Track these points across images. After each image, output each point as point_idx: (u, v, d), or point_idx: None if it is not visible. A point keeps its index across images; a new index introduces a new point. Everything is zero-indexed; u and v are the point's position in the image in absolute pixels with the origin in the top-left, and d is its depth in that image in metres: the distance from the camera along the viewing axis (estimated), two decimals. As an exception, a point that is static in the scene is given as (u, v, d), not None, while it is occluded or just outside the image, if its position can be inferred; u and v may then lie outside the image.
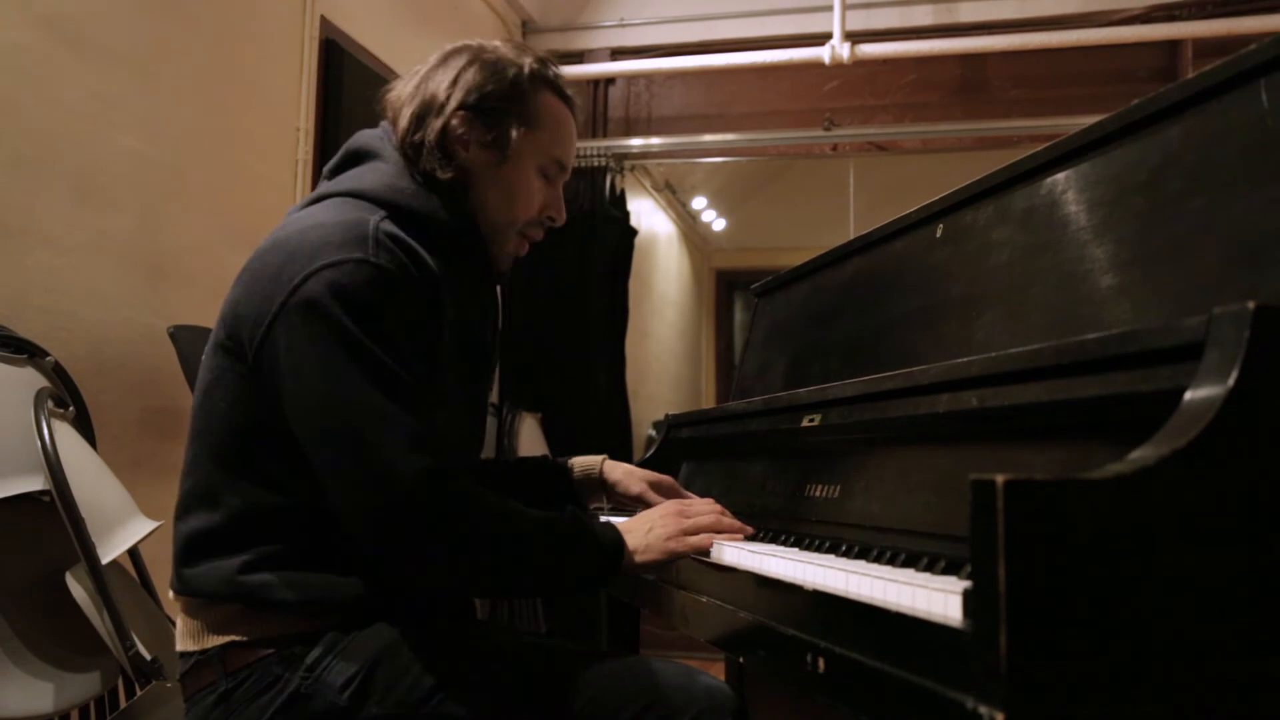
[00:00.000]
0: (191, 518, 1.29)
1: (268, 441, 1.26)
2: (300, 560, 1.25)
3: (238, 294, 1.31)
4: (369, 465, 1.16)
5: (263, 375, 1.24)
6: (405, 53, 3.83)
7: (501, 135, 1.39)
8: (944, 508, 1.14)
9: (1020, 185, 1.36)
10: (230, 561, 1.25)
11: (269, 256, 1.29)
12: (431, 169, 1.37)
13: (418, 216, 1.34)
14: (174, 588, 1.32)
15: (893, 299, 1.63)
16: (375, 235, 1.26)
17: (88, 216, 2.45)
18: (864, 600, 0.93)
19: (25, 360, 2.20)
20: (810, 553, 1.22)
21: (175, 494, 2.61)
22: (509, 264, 1.48)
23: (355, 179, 1.38)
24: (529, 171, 1.43)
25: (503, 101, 1.39)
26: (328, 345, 1.18)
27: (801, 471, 1.52)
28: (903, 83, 4.53)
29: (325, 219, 1.29)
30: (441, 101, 1.38)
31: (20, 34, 2.27)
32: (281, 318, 1.21)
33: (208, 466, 1.29)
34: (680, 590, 1.40)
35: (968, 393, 1.10)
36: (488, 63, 1.40)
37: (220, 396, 1.29)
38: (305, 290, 1.20)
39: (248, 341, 1.26)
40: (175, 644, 1.33)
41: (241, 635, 1.25)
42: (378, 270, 1.22)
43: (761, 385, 2.04)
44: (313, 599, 1.24)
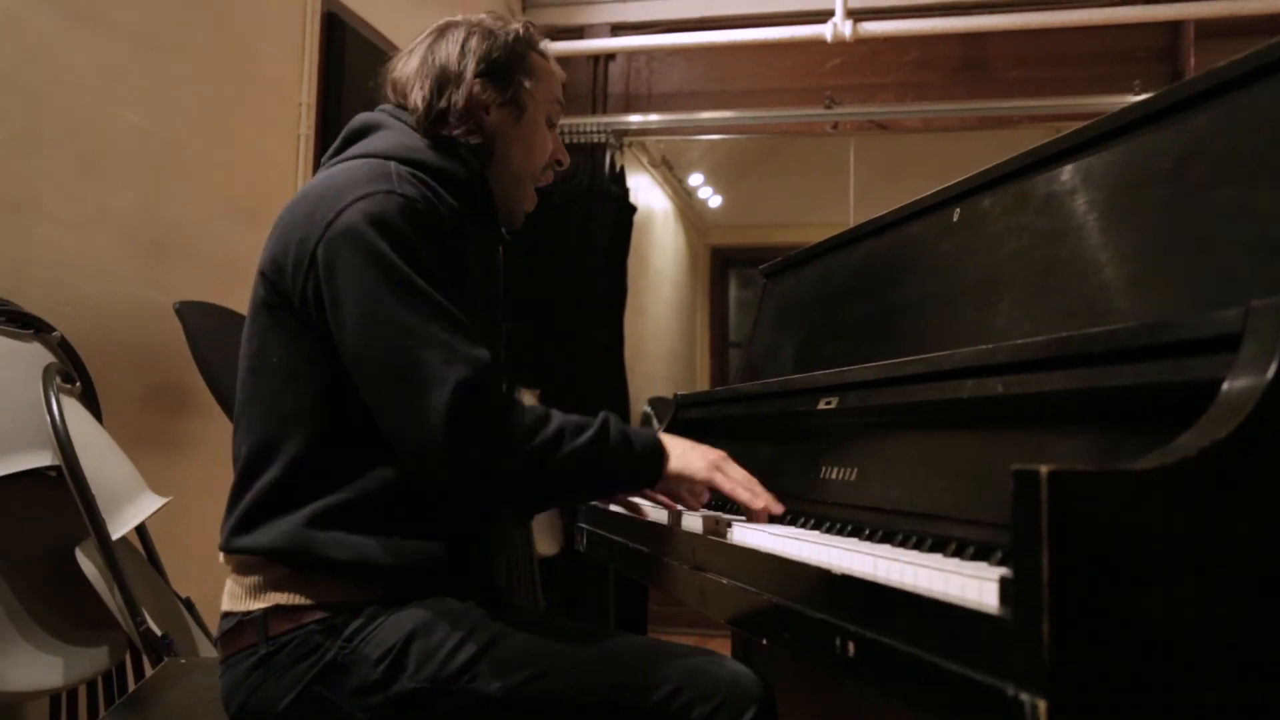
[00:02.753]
0: (254, 480, 1.31)
1: (321, 386, 1.29)
2: (361, 517, 1.28)
3: (272, 249, 1.34)
4: (410, 379, 1.21)
5: (309, 313, 1.28)
6: (405, 25, 3.80)
7: (516, 93, 1.47)
8: (966, 492, 1.15)
9: (1040, 171, 1.37)
10: (294, 515, 1.28)
11: (297, 207, 1.34)
12: (459, 134, 1.42)
13: (430, 168, 1.38)
14: (225, 546, 1.34)
15: (907, 282, 1.63)
16: (398, 173, 1.32)
17: (91, 191, 2.44)
18: (893, 585, 0.94)
19: (31, 335, 2.19)
20: (832, 535, 1.23)
21: (180, 469, 2.62)
22: (522, 218, 1.55)
23: (365, 146, 1.42)
24: (540, 121, 1.51)
25: (510, 62, 1.46)
26: (364, 266, 1.24)
27: (816, 454, 1.53)
28: (904, 61, 4.52)
29: (346, 170, 1.35)
30: (457, 71, 1.44)
31: (25, 8, 2.25)
32: (320, 249, 1.26)
33: (265, 424, 1.32)
34: (699, 571, 1.41)
35: (993, 379, 1.10)
36: (485, 31, 1.47)
37: (271, 353, 1.33)
38: (341, 220, 1.26)
39: (292, 287, 1.29)
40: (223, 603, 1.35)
41: (288, 597, 1.28)
42: (405, 199, 1.28)
43: (771, 366, 2.04)
44: (365, 560, 1.27)
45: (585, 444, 1.28)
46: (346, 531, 1.27)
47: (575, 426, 1.29)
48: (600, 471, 1.32)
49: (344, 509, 1.28)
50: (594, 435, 1.29)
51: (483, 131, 1.44)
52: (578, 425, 1.29)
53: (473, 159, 1.43)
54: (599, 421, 1.32)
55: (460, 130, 1.42)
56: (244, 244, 3.00)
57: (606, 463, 1.31)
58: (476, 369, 1.22)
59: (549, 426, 1.27)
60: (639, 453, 1.35)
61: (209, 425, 2.79)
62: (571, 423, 1.29)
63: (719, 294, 7.60)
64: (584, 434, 1.29)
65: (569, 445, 1.27)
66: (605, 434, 1.31)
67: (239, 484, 1.34)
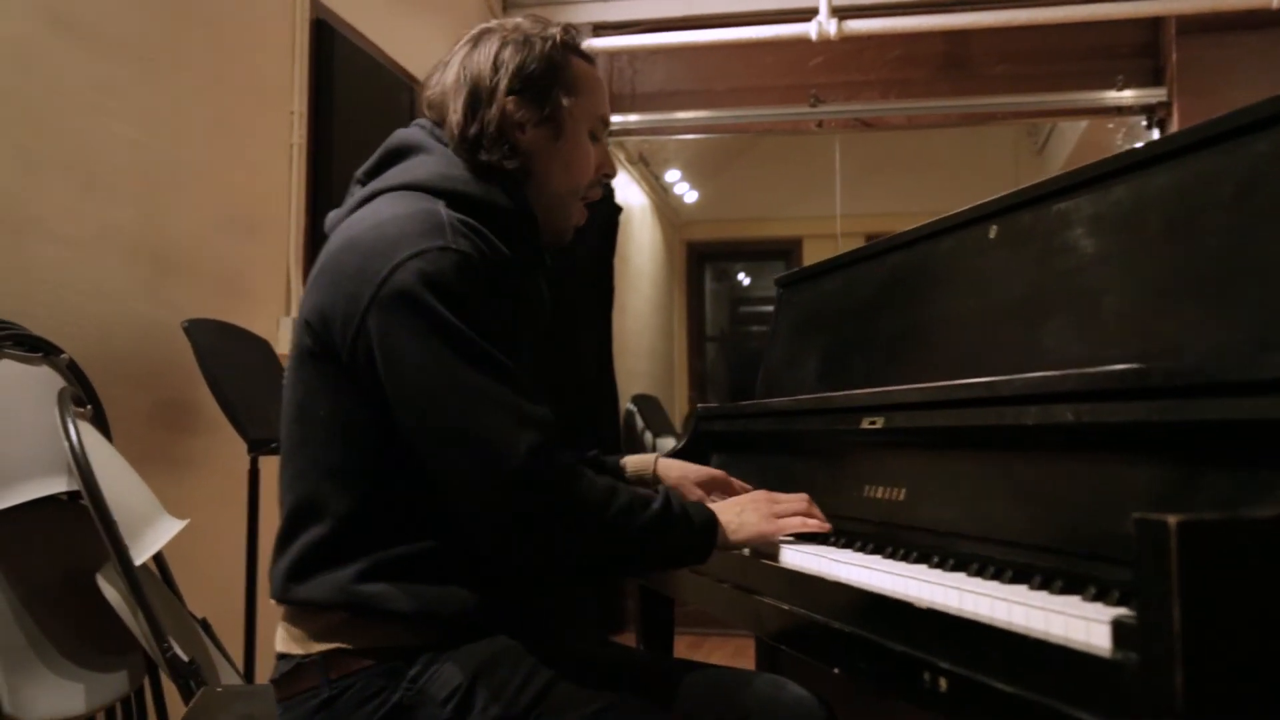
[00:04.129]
0: (302, 533, 1.29)
1: (371, 443, 1.26)
2: (413, 568, 1.26)
3: (319, 299, 1.28)
4: (475, 443, 1.18)
5: (359, 373, 1.24)
6: (393, 30, 3.77)
7: (554, 110, 1.39)
8: (1032, 517, 1.16)
9: (1086, 190, 1.38)
10: (344, 572, 1.25)
11: (345, 256, 1.28)
12: (495, 160, 1.36)
13: (474, 202, 1.34)
14: (278, 596, 1.32)
15: (942, 298, 1.64)
16: (450, 222, 1.26)
17: (91, 209, 2.40)
18: (984, 621, 0.95)
19: (41, 359, 2.16)
20: (897, 562, 1.23)
21: (187, 486, 2.59)
22: (572, 234, 1.49)
23: (405, 172, 1.37)
24: (582, 137, 1.44)
25: (546, 76, 1.39)
26: (423, 333, 1.19)
27: (858, 472, 1.54)
28: (888, 58, 4.55)
29: (394, 212, 1.29)
30: (490, 88, 1.36)
31: (25, 26, 2.21)
32: (372, 311, 1.21)
33: (312, 478, 1.29)
34: (749, 593, 1.42)
35: (1062, 406, 1.11)
36: (519, 41, 1.39)
37: (317, 405, 1.29)
38: (394, 282, 1.20)
39: (339, 343, 1.25)
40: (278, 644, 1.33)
41: (346, 643, 1.26)
42: (460, 256, 1.23)
43: (792, 378, 2.05)
44: (424, 609, 1.25)
45: (651, 519, 1.25)
46: (399, 583, 1.25)
47: (641, 501, 1.26)
48: (662, 547, 1.29)
49: (395, 563, 1.26)
50: (659, 510, 1.27)
51: (518, 153, 1.38)
52: (644, 500, 1.27)
53: (513, 186, 1.38)
54: (662, 497, 1.29)
55: (496, 155, 1.36)
56: (241, 256, 2.98)
57: (668, 538, 1.28)
58: (544, 432, 1.20)
59: (618, 499, 1.24)
60: (698, 528, 1.32)
61: (214, 441, 2.76)
62: (639, 497, 1.27)
63: (695, 289, 7.61)
64: (649, 509, 1.26)
65: (637, 520, 1.24)
66: (669, 509, 1.28)
67: (287, 532, 1.31)
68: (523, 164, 1.38)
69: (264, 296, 3.09)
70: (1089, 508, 1.09)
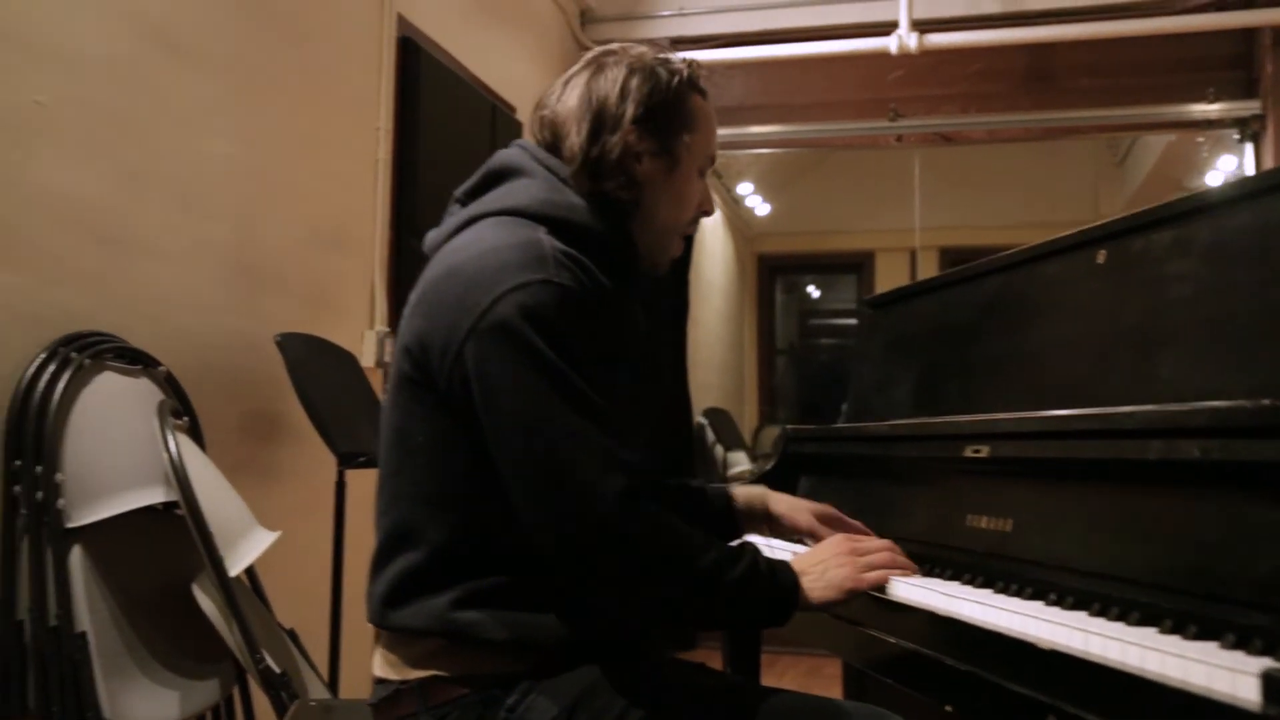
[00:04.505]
0: (397, 558, 1.29)
1: (467, 472, 1.26)
2: (508, 597, 1.26)
3: (419, 325, 1.28)
4: (565, 485, 1.18)
5: (456, 402, 1.24)
6: (476, 48, 3.80)
7: (673, 145, 1.38)
8: (1150, 555, 1.13)
9: (1202, 216, 1.34)
10: (439, 599, 1.25)
11: (446, 285, 1.27)
12: (610, 188, 1.36)
13: (576, 229, 1.33)
14: (375, 621, 1.33)
15: (1045, 323, 1.61)
16: (553, 255, 1.26)
17: (189, 224, 2.45)
18: (1113, 666, 0.92)
19: (140, 371, 2.21)
20: (1011, 598, 1.20)
21: (275, 496, 2.63)
22: (668, 266, 1.48)
23: (507, 196, 1.36)
24: (693, 173, 1.43)
25: (670, 110, 1.37)
26: (521, 367, 1.19)
27: (960, 500, 1.51)
28: (968, 72, 4.49)
29: (497, 241, 1.28)
30: (615, 115, 1.34)
31: (131, 45, 2.27)
32: (470, 342, 1.21)
33: (408, 504, 1.30)
34: (851, 624, 1.40)
35: (1187, 441, 1.08)
36: (646, 70, 1.37)
37: (415, 431, 1.29)
38: (494, 314, 1.20)
39: (438, 371, 1.25)
40: (375, 669, 1.34)
41: (443, 670, 1.26)
42: (561, 290, 1.23)
43: (884, 402, 2.03)
44: (520, 637, 1.24)
45: (736, 579, 1.23)
46: (493, 610, 1.25)
47: (730, 558, 1.24)
48: (745, 605, 1.26)
49: (489, 592, 1.26)
50: (747, 568, 1.24)
51: (633, 184, 1.37)
52: (732, 556, 1.24)
53: (620, 215, 1.37)
54: (750, 556, 1.26)
55: (612, 184, 1.35)
56: (328, 270, 3.02)
57: (751, 597, 1.26)
58: (633, 478, 1.19)
59: (707, 555, 1.22)
60: (781, 591, 1.28)
61: (301, 452, 2.80)
62: (725, 554, 1.24)
63: (765, 301, 7.58)
64: (736, 567, 1.23)
65: (725, 577, 1.22)
66: (756, 568, 1.25)
67: (382, 556, 1.32)
68: (634, 195, 1.38)
69: (349, 310, 3.13)
70: (1216, 548, 1.06)
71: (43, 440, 1.94)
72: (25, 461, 1.94)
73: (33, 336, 2.02)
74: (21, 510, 1.94)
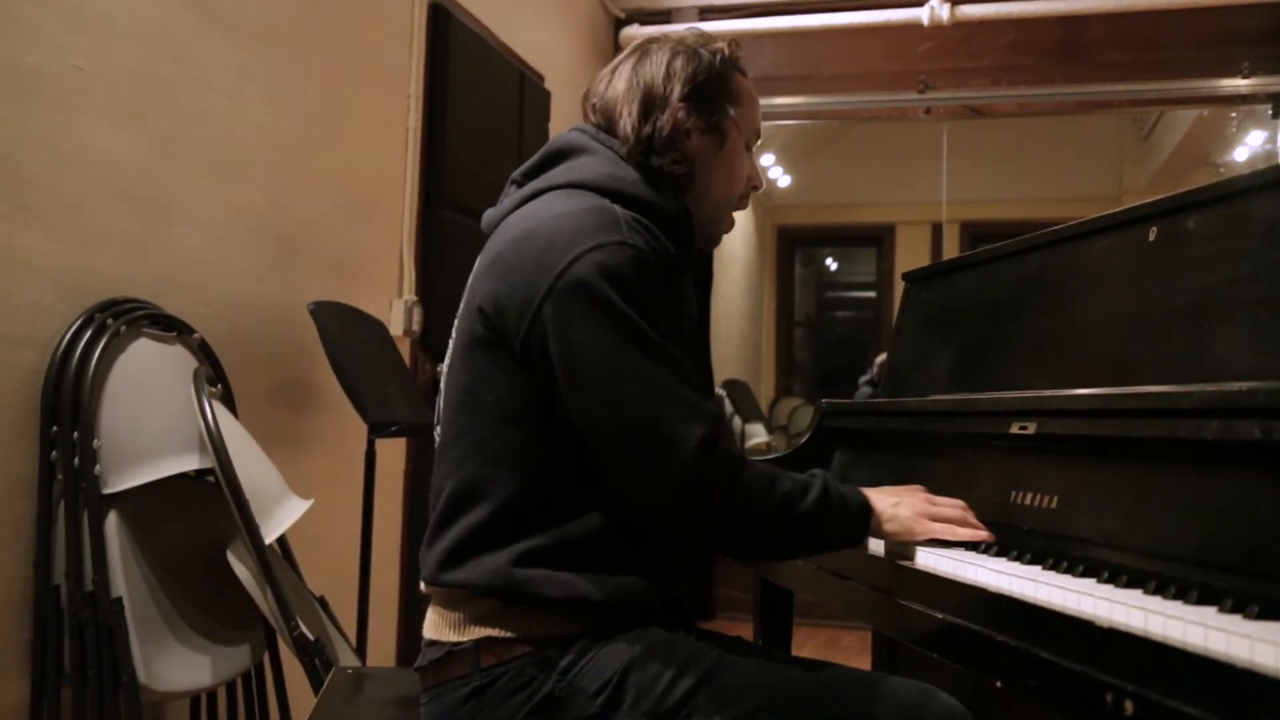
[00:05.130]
0: (461, 517, 1.31)
1: (539, 430, 1.29)
2: (567, 556, 1.28)
3: (494, 286, 1.31)
4: (652, 434, 1.22)
5: (532, 361, 1.27)
6: (507, 17, 3.77)
7: (720, 119, 1.44)
8: (1206, 534, 1.12)
9: (1257, 195, 1.32)
10: (500, 555, 1.27)
11: (523, 246, 1.31)
12: (665, 164, 1.40)
13: (641, 203, 1.37)
14: (430, 579, 1.34)
15: (1091, 301, 1.59)
16: (625, 220, 1.30)
17: (224, 191, 2.45)
18: (1175, 645, 0.92)
19: (175, 338, 2.21)
20: (1063, 575, 1.20)
21: (305, 464, 2.64)
22: (720, 241, 1.55)
23: (572, 171, 1.41)
24: (740, 148, 1.49)
25: (714, 86, 1.44)
26: (601, 323, 1.23)
27: (1003, 477, 1.50)
28: (1000, 44, 4.44)
29: (570, 207, 1.33)
30: (664, 94, 1.41)
31: (167, 10, 2.26)
32: (550, 300, 1.25)
33: (475, 463, 1.32)
34: (893, 597, 1.40)
35: (1247, 421, 1.07)
36: (689, 52, 1.44)
37: (485, 391, 1.32)
38: (573, 272, 1.24)
39: (514, 331, 1.28)
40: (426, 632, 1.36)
41: (498, 631, 1.28)
42: (637, 251, 1.27)
43: (921, 376, 2.02)
44: (577, 596, 1.27)
45: (811, 505, 1.29)
46: (553, 569, 1.28)
47: (802, 486, 1.30)
48: (821, 533, 1.32)
49: (551, 549, 1.28)
50: (819, 494, 1.30)
51: (686, 159, 1.42)
52: (804, 485, 1.30)
53: (677, 190, 1.42)
54: (820, 483, 1.31)
55: (666, 159, 1.40)
56: (359, 239, 3.02)
57: (827, 524, 1.31)
58: (714, 425, 1.23)
59: (781, 484, 1.28)
60: (853, 515, 1.35)
61: (330, 421, 2.81)
62: (799, 482, 1.30)
63: (785, 274, 7.55)
64: (810, 495, 1.29)
65: (799, 506, 1.28)
66: (827, 496, 1.31)
67: (443, 518, 1.33)
68: (688, 170, 1.42)
69: (378, 278, 3.13)
70: (1273, 528, 1.05)
71: (79, 407, 1.95)
72: (62, 428, 1.95)
73: (70, 302, 2.02)
74: (58, 476, 1.95)
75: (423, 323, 3.23)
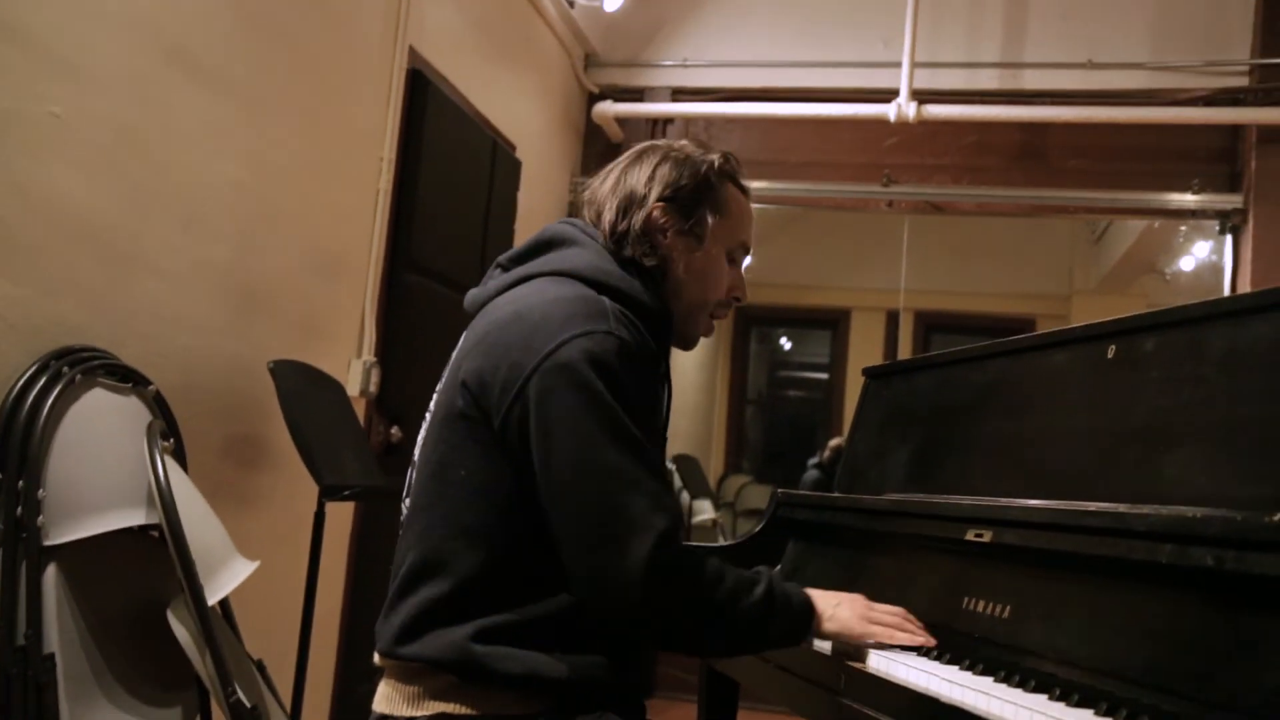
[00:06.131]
0: (422, 588, 1.32)
1: (507, 508, 1.31)
2: (528, 634, 1.29)
3: (480, 363, 1.34)
4: (611, 525, 1.24)
5: (509, 437, 1.30)
6: (480, 83, 3.82)
7: (697, 223, 1.48)
8: (1153, 656, 1.14)
9: (1217, 323, 1.37)
10: (460, 629, 1.28)
11: (513, 327, 1.34)
12: (637, 255, 1.45)
13: (625, 297, 1.41)
14: (386, 652, 1.34)
15: (1049, 412, 1.63)
16: (613, 312, 1.35)
17: (191, 244, 2.44)
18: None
19: (130, 389, 2.18)
20: (1014, 690, 1.20)
21: (249, 522, 2.60)
22: (696, 344, 1.57)
23: (562, 260, 1.45)
24: (720, 255, 1.51)
25: (696, 192, 1.47)
26: (581, 406, 1.26)
27: (956, 581, 1.52)
28: (963, 144, 4.56)
29: (561, 294, 1.37)
30: (642, 194, 1.46)
31: (147, 62, 2.26)
32: (535, 379, 1.28)
33: (441, 535, 1.33)
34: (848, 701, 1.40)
35: (1200, 549, 1.10)
36: (679, 159, 1.49)
37: (459, 464, 1.33)
38: (560, 355, 1.28)
39: (495, 406, 1.31)
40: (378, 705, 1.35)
41: (455, 707, 1.28)
42: (622, 342, 1.31)
43: (878, 471, 2.04)
44: (536, 674, 1.27)
45: (758, 600, 1.32)
46: (513, 647, 1.28)
47: (748, 581, 1.33)
48: (765, 627, 1.34)
49: (512, 626, 1.29)
50: (764, 592, 1.33)
51: (657, 254, 1.46)
52: (750, 580, 1.33)
53: (654, 285, 1.45)
54: (765, 580, 1.35)
55: (637, 251, 1.45)
56: (321, 297, 3.00)
57: (770, 622, 1.34)
58: (674, 521, 1.26)
59: (727, 580, 1.31)
60: (796, 615, 1.38)
61: (280, 480, 2.77)
62: (744, 578, 1.33)
63: (740, 351, 7.61)
64: (755, 590, 1.32)
65: (745, 601, 1.31)
66: (771, 595, 1.34)
67: (403, 589, 1.34)
68: (660, 265, 1.46)
69: (338, 337, 3.11)
70: (1222, 656, 1.07)
71: (27, 455, 1.91)
72: (7, 476, 1.91)
73: (25, 347, 1.99)
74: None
75: (380, 384, 3.21)
